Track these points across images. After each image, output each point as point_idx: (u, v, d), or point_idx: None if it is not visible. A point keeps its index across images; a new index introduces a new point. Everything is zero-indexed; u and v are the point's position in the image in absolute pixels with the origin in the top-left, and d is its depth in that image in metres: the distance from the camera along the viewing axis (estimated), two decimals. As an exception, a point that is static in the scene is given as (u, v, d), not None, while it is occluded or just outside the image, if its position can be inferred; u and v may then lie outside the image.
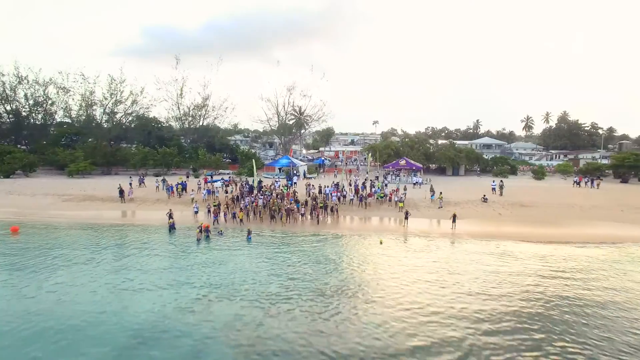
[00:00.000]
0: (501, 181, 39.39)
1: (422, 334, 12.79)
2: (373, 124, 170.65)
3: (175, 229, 26.05)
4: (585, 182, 43.47)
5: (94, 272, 18.19)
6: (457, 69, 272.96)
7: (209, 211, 29.18)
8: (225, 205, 30.20)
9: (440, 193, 33.98)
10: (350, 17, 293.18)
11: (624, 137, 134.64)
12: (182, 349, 11.87)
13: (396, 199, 32.68)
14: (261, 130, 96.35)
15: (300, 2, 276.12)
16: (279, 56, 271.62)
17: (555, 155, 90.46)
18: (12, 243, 23.03)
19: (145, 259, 20.35)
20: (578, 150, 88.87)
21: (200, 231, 24.32)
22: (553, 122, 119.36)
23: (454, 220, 27.25)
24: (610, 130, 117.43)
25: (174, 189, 35.83)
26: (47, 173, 51.82)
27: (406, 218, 28.05)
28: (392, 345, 12.13)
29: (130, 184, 37.59)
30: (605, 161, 63.21)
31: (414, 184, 43.05)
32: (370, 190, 35.82)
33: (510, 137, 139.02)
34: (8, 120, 63.18)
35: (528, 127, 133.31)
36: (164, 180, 38.76)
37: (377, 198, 34.06)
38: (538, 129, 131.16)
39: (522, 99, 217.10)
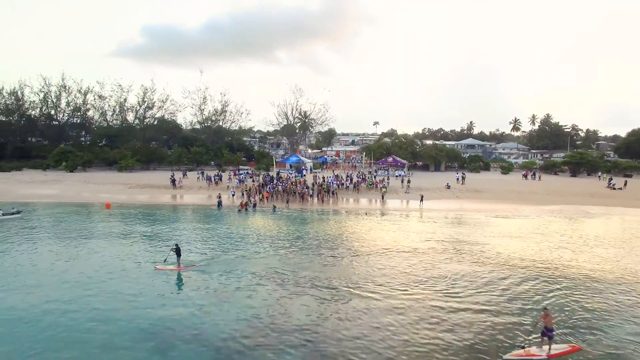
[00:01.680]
0: (463, 173, 50.28)
1: (385, 248, 23.53)
2: (374, 124, 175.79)
3: (222, 205, 36.96)
4: (531, 175, 54.38)
5: (199, 231, 28.91)
6: (457, 70, 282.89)
7: (242, 194, 40.02)
8: (254, 190, 41.05)
9: (409, 181, 44.86)
10: (352, 18, 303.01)
11: (616, 137, 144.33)
12: (248, 252, 22.61)
13: (381, 186, 43.41)
14: (265, 131, 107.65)
15: (302, 2, 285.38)
16: (281, 56, 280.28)
17: (534, 155, 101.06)
18: (117, 214, 33.98)
19: (215, 221, 31.29)
20: (553, 150, 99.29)
21: (240, 206, 35.35)
22: (539, 124, 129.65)
23: (421, 200, 37.97)
24: (588, 131, 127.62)
25: (213, 179, 46.70)
26: (98, 168, 62.67)
27: (383, 199, 38.95)
28: (366, 250, 22.89)
29: (173, 175, 47.46)
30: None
31: (397, 176, 53.90)
32: (361, 180, 46.58)
33: (501, 138, 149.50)
34: (50, 123, 74.60)
35: (516, 128, 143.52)
36: (202, 173, 49.83)
37: (367, 186, 44.87)
38: (527, 130, 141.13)
39: (521, 100, 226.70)
